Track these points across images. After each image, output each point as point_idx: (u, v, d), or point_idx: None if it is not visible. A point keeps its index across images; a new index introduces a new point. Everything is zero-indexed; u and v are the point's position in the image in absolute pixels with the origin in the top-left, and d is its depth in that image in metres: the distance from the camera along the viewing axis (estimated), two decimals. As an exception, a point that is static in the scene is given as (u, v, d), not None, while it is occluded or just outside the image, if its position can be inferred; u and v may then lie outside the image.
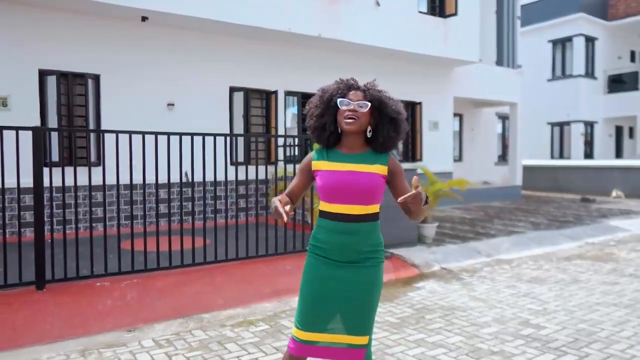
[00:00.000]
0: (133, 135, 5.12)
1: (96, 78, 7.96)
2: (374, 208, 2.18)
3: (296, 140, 9.38)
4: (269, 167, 6.80)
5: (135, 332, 4.11)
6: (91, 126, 7.95)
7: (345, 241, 2.16)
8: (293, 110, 10.39)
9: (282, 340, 3.90)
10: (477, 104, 15.00)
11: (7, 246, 4.54)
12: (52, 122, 7.58)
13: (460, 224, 9.42)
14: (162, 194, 7.47)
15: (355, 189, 2.11)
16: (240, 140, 9.16)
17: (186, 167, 5.71)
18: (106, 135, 5.16)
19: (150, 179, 5.82)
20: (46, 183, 4.89)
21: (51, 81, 7.58)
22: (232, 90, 9.34)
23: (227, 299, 4.85)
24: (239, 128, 9.43)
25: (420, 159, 12.09)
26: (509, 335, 4.05)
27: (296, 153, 9.22)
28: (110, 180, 5.84)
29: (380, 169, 2.16)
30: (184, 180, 7.15)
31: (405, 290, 5.37)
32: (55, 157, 7.42)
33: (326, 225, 2.20)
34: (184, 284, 5.11)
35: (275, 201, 2.11)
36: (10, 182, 4.79)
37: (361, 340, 2.17)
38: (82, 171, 6.18)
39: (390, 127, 2.17)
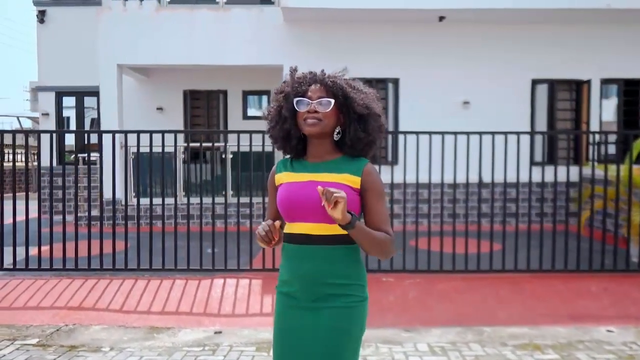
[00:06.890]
0: (430, 135, 5.23)
1: (395, 82, 8.41)
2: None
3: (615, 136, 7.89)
4: (576, 167, 5.92)
5: (412, 332, 4.11)
6: (390, 128, 8.44)
7: (307, 271, 1.71)
8: (613, 101, 8.79)
9: (574, 378, 3.27)
10: None
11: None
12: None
13: None
14: (457, 194, 7.27)
15: (313, 202, 1.65)
16: (536, 136, 8.25)
17: (484, 166, 5.37)
18: (407, 136, 5.34)
19: (449, 178, 5.57)
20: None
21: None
22: (535, 82, 8.51)
23: (511, 314, 4.39)
24: (541, 124, 8.53)
25: None
26: None
27: (612, 152, 7.77)
28: (409, 179, 5.59)
29: (350, 180, 1.70)
30: (476, 180, 6.83)
31: None
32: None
33: (287, 252, 1.77)
34: (465, 291, 4.87)
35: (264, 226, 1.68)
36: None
37: None
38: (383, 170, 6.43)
39: (358, 126, 1.72)
